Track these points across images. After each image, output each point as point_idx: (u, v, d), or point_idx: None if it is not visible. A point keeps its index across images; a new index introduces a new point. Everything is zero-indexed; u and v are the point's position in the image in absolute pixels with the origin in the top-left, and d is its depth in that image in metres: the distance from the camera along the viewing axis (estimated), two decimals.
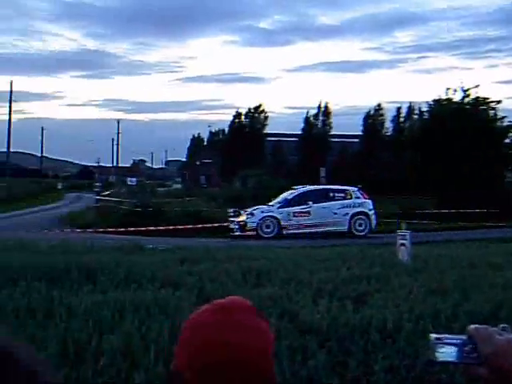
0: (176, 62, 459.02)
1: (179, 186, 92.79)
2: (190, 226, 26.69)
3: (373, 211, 25.98)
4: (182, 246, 17.50)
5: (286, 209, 25.58)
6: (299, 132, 66.35)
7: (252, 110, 72.91)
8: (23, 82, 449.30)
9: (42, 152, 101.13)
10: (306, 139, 63.80)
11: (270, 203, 26.57)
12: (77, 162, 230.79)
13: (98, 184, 58.12)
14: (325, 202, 25.74)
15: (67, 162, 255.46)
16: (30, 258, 12.24)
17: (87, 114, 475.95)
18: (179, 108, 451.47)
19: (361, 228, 25.65)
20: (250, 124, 71.89)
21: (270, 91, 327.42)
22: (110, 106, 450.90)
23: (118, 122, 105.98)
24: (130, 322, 7.20)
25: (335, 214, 25.53)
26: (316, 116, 66.83)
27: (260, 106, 73.20)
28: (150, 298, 8.56)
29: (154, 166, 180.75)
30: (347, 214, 25.61)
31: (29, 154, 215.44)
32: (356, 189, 26.72)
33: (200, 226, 26.75)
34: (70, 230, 26.56)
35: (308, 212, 25.56)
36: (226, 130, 79.78)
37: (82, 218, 33.38)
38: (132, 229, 25.33)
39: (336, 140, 63.73)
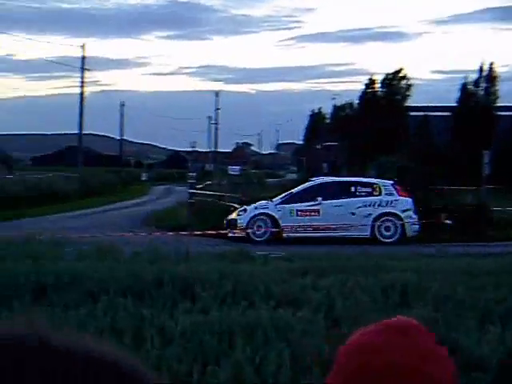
0: (290, 16, 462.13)
1: (294, 175, 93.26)
2: None
3: (410, 212, 25.33)
4: (299, 252, 17.61)
5: (287, 205, 25.39)
6: (453, 104, 65.32)
7: (390, 77, 72.31)
8: (98, 46, 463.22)
9: (121, 134, 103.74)
10: (462, 113, 62.68)
11: (274, 198, 26.47)
12: (164, 146, 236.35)
13: (192, 174, 59.14)
14: (342, 198, 25.38)
15: (152, 145, 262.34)
16: (111, 268, 12.62)
17: (177, 86, 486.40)
18: (294, 76, 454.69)
19: (388, 233, 25.05)
20: (388, 94, 71.30)
21: (414, 51, 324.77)
22: (206, 75, 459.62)
23: (217, 95, 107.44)
24: (240, 350, 7.29)
25: (353, 214, 25.05)
26: (477, 82, 65.50)
27: (400, 70, 72.53)
28: (266, 318, 8.64)
29: (263, 152, 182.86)
30: (370, 214, 25.10)
31: (104, 136, 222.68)
32: (389, 183, 26.20)
33: None
34: (159, 232, 27.13)
35: (317, 210, 25.22)
36: (356, 102, 79.53)
37: (173, 218, 33.99)
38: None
39: (505, 114, 62.31)
